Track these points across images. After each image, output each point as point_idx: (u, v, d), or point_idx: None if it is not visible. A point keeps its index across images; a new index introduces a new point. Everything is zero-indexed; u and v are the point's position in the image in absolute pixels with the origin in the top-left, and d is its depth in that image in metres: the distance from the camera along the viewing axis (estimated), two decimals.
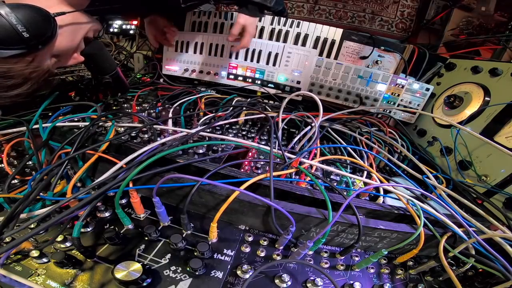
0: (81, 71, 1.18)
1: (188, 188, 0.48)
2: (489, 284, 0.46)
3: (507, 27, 1.41)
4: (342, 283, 0.44)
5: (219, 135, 0.68)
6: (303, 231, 0.49)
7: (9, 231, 0.38)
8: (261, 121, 0.93)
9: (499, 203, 0.62)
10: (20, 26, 0.48)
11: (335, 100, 1.04)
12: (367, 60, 1.05)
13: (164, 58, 1.15)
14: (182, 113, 0.77)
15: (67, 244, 0.42)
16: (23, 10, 0.49)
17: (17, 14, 0.48)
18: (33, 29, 0.50)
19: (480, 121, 0.76)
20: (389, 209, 0.52)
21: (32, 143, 0.56)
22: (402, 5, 1.78)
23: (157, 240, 0.45)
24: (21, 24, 0.48)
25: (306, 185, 0.57)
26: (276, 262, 0.44)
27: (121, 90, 0.93)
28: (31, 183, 0.46)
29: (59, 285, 0.37)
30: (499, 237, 0.46)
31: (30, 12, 0.50)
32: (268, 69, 1.08)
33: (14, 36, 0.48)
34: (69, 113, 0.70)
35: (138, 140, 0.65)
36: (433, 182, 0.63)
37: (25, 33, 0.49)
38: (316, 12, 1.87)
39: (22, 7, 0.49)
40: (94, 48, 0.73)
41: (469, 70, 0.88)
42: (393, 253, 0.52)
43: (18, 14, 0.48)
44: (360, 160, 0.67)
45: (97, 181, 0.46)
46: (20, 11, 0.48)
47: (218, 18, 1.08)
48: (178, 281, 0.39)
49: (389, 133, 0.88)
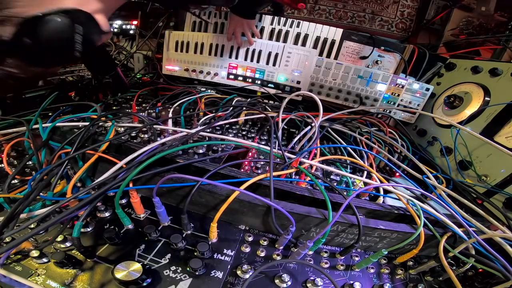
0: (81, 71, 1.18)
1: (188, 188, 0.48)
2: (489, 284, 0.46)
3: (507, 27, 1.41)
4: (342, 283, 0.44)
5: (219, 135, 0.68)
6: (303, 231, 0.49)
7: (9, 231, 0.38)
8: (261, 121, 0.93)
9: (499, 203, 0.62)
10: (79, 46, 0.48)
11: (335, 100, 1.04)
12: (367, 60, 1.05)
13: (164, 58, 1.15)
14: (182, 113, 0.77)
15: (67, 244, 0.42)
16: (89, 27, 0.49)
17: (83, 30, 0.48)
18: (85, 48, 0.50)
19: (480, 121, 0.76)
20: (389, 209, 0.52)
21: (32, 143, 0.56)
22: (402, 5, 1.77)
23: (157, 240, 0.45)
24: (81, 43, 0.48)
25: (306, 185, 0.57)
26: (276, 262, 0.43)
27: (121, 90, 0.93)
28: (31, 183, 0.46)
29: (59, 285, 0.37)
30: (499, 237, 0.46)
31: (91, 30, 0.51)
32: (268, 69, 1.08)
33: (69, 54, 0.49)
34: (69, 113, 0.70)
35: (138, 140, 0.65)
36: (433, 182, 0.63)
37: (77, 53, 0.49)
38: (316, 12, 1.87)
39: (89, 23, 0.49)
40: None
41: (469, 70, 0.88)
42: (393, 253, 0.52)
43: (83, 31, 0.48)
44: (360, 160, 0.67)
45: (97, 181, 0.46)
46: (85, 28, 0.48)
47: (218, 18, 1.08)
48: (178, 281, 0.39)
49: (389, 133, 0.88)
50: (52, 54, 0.48)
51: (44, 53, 0.47)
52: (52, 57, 0.50)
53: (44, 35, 0.44)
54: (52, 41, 0.45)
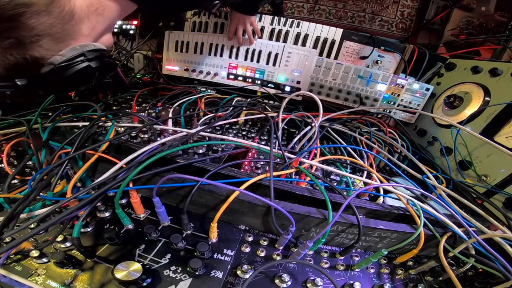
0: None
1: (188, 188, 0.48)
2: (489, 284, 0.46)
3: (507, 27, 1.41)
4: (342, 283, 0.44)
5: (219, 135, 0.68)
6: (303, 231, 0.49)
7: (9, 231, 0.38)
8: (261, 121, 0.93)
9: (499, 203, 0.62)
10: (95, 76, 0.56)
11: (335, 100, 1.04)
12: (367, 60, 1.05)
13: (164, 58, 1.15)
14: (182, 113, 0.77)
15: (67, 244, 0.42)
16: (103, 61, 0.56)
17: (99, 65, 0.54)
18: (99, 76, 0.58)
19: (480, 121, 0.76)
20: (389, 209, 0.52)
21: (32, 143, 0.56)
22: (402, 5, 1.78)
23: (157, 240, 0.45)
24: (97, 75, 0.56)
25: (306, 185, 0.57)
26: (276, 262, 0.43)
27: (121, 90, 0.93)
28: (31, 183, 0.46)
29: (59, 285, 0.37)
30: (499, 237, 0.46)
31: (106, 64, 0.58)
32: (268, 69, 1.08)
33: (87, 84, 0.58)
34: (69, 113, 0.70)
35: (138, 140, 0.65)
36: (433, 182, 0.63)
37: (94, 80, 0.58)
38: (316, 12, 1.87)
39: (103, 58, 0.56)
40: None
41: (469, 70, 0.88)
42: (393, 253, 0.52)
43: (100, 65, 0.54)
44: (360, 160, 0.67)
45: (97, 181, 0.46)
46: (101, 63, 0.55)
47: (218, 18, 1.08)
48: (178, 281, 0.39)
49: (389, 133, 0.88)
50: (70, 86, 0.58)
51: (65, 86, 0.57)
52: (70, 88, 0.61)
53: (68, 75, 0.50)
54: (76, 78, 0.52)
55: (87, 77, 0.54)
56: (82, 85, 0.59)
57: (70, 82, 0.52)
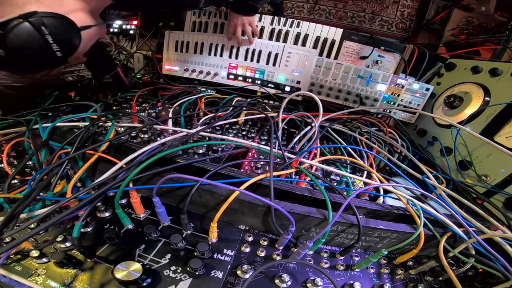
0: (81, 71, 1.18)
1: (188, 188, 0.48)
2: (489, 284, 0.46)
3: (507, 27, 1.41)
4: (342, 283, 0.44)
5: (219, 135, 0.68)
6: (303, 231, 0.49)
7: (9, 231, 0.38)
8: (261, 121, 0.93)
9: (499, 203, 0.62)
10: (55, 46, 0.48)
11: (335, 100, 1.04)
12: (367, 60, 1.05)
13: (164, 58, 1.15)
14: (182, 113, 0.77)
15: (67, 244, 0.42)
16: (58, 26, 0.48)
17: (52, 30, 0.47)
18: (65, 47, 0.50)
19: (480, 121, 0.76)
20: (389, 209, 0.52)
21: (32, 143, 0.56)
22: (402, 5, 1.77)
23: (157, 240, 0.45)
24: (56, 43, 0.48)
25: (306, 185, 0.57)
26: (276, 262, 0.43)
27: (121, 90, 0.93)
28: (31, 183, 0.46)
29: (59, 285, 0.37)
30: (499, 237, 0.46)
31: (63, 28, 0.49)
32: (268, 69, 1.08)
33: (49, 56, 0.49)
34: (69, 113, 0.70)
35: (138, 140, 0.65)
36: (433, 182, 0.63)
37: (58, 53, 0.49)
38: (316, 12, 1.87)
39: (57, 22, 0.48)
40: (94, 48, 0.73)
41: (469, 70, 0.88)
42: (393, 253, 0.52)
43: (53, 30, 0.47)
44: (360, 160, 0.67)
45: (97, 181, 0.46)
46: (55, 28, 0.47)
47: (218, 18, 1.08)
48: (178, 281, 0.39)
49: (389, 133, 0.88)
50: (31, 58, 0.48)
51: (23, 59, 0.47)
52: (33, 62, 0.49)
53: (14, 43, 0.44)
54: (24, 46, 0.45)
55: (39, 46, 0.46)
56: (42, 58, 0.49)
57: (19, 52, 0.45)
